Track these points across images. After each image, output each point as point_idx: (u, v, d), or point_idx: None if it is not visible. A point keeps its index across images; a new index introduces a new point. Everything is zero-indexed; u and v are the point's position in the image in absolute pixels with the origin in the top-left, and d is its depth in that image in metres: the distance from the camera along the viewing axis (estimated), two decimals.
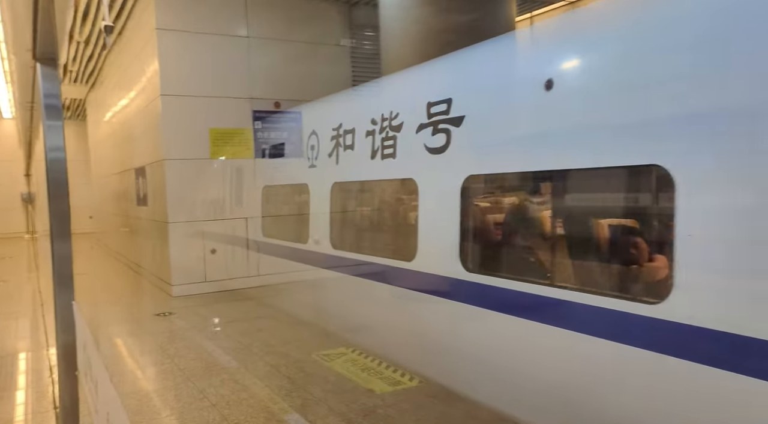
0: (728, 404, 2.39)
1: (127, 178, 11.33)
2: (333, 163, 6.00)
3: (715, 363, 2.39)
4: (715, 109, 2.49)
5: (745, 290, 2.38)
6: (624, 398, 2.85)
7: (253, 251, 8.45)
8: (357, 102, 6.22)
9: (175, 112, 8.24)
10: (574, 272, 3.49)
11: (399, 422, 3.71)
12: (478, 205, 4.26)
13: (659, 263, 2.86)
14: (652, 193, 2.86)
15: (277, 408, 3.99)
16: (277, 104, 8.70)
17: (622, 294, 2.93)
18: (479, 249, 4.11)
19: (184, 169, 8.38)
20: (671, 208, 2.59)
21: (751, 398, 2.29)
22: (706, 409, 2.47)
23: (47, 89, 2.62)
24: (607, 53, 3.13)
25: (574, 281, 3.39)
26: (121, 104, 11.64)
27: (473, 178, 4.00)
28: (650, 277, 2.79)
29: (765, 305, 2.29)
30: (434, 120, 4.29)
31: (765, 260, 2.30)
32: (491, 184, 4.31)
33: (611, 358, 2.87)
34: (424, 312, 4.45)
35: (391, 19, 6.68)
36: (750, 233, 2.35)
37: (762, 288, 2.31)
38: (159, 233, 8.79)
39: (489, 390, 3.74)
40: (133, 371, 5.02)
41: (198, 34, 8.35)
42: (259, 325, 6.46)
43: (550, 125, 3.36)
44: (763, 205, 2.32)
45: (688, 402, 2.54)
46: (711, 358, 2.41)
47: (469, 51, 4.29)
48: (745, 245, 2.37)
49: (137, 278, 10.49)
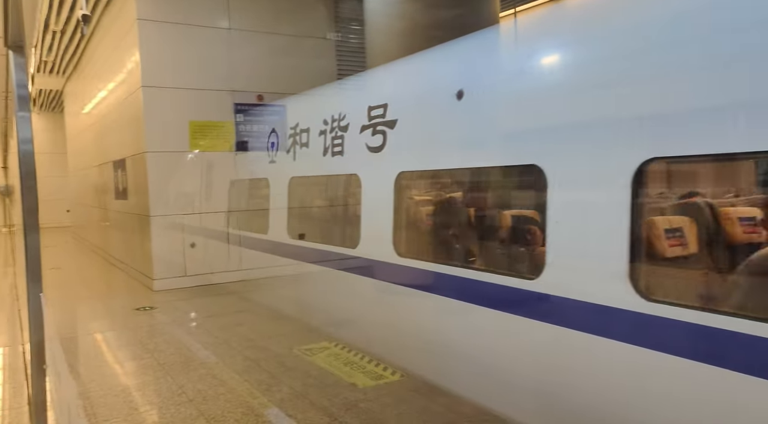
0: (574, 352, 3.08)
1: (107, 171, 11.12)
2: (291, 159, 6.55)
3: (569, 325, 3.04)
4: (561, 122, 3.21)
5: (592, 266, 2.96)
6: (506, 353, 3.58)
7: (232, 244, 8.38)
8: (312, 103, 6.70)
9: (157, 104, 8.10)
10: (481, 255, 4.44)
11: (381, 416, 3.71)
12: (410, 198, 4.95)
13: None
14: (538, 188, 3.44)
15: (256, 403, 3.95)
16: (260, 97, 8.60)
17: (513, 272, 3.69)
18: (408, 236, 4.79)
19: (166, 162, 8.25)
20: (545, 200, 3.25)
21: (592, 346, 2.93)
22: (562, 356, 3.18)
23: (20, 79, 2.54)
24: (503, 70, 3.84)
25: (480, 263, 4.26)
26: (100, 96, 11.40)
27: (404, 175, 4.59)
28: (539, 259, 3.36)
29: (609, 280, 2.81)
30: (373, 122, 4.85)
31: (610, 242, 2.81)
32: (419, 180, 4.97)
33: (499, 327, 3.56)
34: (367, 292, 5.01)
35: (376, 14, 6.65)
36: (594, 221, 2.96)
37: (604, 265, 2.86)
38: (140, 226, 8.64)
39: (411, 347, 4.45)
40: (111, 366, 4.93)
41: (179, 25, 8.21)
42: (240, 319, 6.40)
43: (460, 130, 3.99)
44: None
45: (551, 354, 3.24)
46: (566, 321, 3.05)
47: (401, 62, 5.09)
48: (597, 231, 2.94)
49: (116, 272, 10.32)
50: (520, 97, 3.54)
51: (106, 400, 4.10)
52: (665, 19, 2.77)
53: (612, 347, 2.81)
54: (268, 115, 7.79)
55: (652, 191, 3.14)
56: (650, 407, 2.62)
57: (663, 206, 3.44)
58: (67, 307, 7.51)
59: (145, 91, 8.05)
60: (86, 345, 5.62)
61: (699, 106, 2.51)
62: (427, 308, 4.25)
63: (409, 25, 6.18)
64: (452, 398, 3.90)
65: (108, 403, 4.05)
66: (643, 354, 2.63)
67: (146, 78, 8.05)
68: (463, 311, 3.86)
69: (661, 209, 3.42)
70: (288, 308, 6.61)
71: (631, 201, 2.71)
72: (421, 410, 3.77)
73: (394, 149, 4.63)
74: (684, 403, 2.52)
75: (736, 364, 2.29)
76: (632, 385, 2.73)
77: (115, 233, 10.96)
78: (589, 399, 2.95)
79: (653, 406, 2.61)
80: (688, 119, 2.54)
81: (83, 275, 10.28)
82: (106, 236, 11.85)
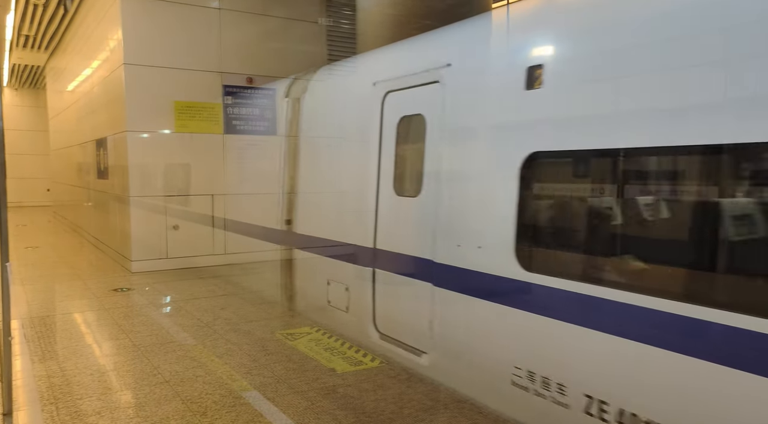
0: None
1: (88, 150, 10.90)
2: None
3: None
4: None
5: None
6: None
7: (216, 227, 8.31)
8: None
9: (139, 83, 7.93)
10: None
11: (358, 401, 3.70)
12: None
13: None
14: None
15: (236, 386, 3.92)
16: (249, 80, 8.47)
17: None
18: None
19: (147, 142, 8.10)
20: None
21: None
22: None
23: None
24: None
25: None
26: (83, 73, 11.13)
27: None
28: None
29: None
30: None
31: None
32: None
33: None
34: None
35: (368, 1, 6.57)
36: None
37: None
38: (119, 207, 8.49)
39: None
40: (86, 347, 4.85)
41: (165, 2, 8.02)
42: (222, 303, 6.35)
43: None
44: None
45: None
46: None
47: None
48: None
49: (96, 252, 10.15)
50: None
51: (81, 379, 4.04)
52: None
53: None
54: (260, 98, 7.67)
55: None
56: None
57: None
58: (42, 286, 7.36)
59: (126, 68, 7.87)
60: (60, 324, 5.52)
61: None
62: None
63: (401, 12, 6.12)
64: (429, 386, 3.92)
65: (82, 382, 3.98)
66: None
67: (128, 56, 7.87)
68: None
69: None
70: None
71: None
72: (398, 396, 3.77)
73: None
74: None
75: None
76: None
77: (95, 213, 10.77)
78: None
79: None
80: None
81: (61, 254, 10.09)
82: (87, 215, 11.64)
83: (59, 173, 15.64)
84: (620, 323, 2.74)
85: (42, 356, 4.53)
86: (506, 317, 3.37)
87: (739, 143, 2.39)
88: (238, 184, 8.14)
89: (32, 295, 6.76)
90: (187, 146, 8.30)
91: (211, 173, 8.43)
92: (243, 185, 8.06)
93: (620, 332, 2.74)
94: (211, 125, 8.34)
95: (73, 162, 13.02)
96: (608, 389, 2.82)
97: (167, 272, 8.02)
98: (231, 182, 8.23)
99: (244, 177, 8.14)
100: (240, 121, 8.45)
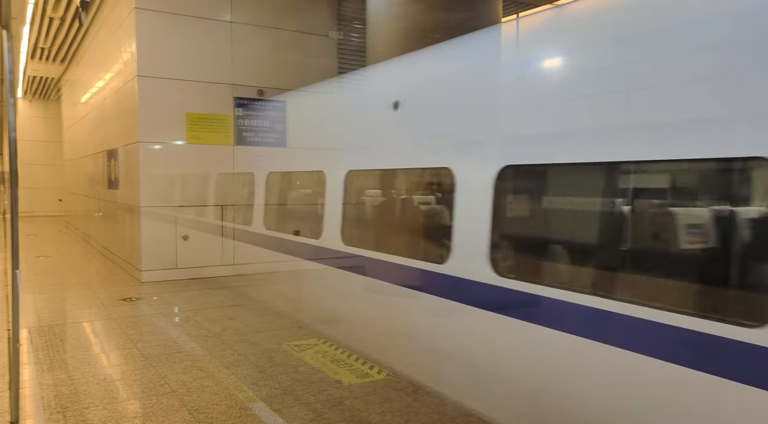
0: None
1: (100, 160, 11.04)
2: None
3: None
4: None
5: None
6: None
7: (226, 237, 8.33)
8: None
9: (152, 94, 8.04)
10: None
11: (364, 413, 3.67)
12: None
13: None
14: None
15: (242, 396, 3.91)
16: (260, 92, 8.57)
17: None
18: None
19: (159, 153, 8.19)
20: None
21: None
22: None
23: (10, 63, 2.50)
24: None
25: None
26: (96, 85, 11.32)
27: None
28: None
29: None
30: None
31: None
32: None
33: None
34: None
35: (378, 14, 6.65)
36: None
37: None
38: (130, 217, 8.57)
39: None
40: (93, 356, 4.87)
41: (179, 16, 8.16)
42: (231, 313, 6.35)
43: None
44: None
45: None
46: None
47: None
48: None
49: (106, 262, 10.22)
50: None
51: (88, 388, 4.04)
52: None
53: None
54: (270, 111, 7.75)
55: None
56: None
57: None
58: (51, 294, 7.42)
59: (140, 80, 7.99)
60: (69, 333, 5.55)
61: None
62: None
63: (410, 26, 6.18)
64: (436, 399, 3.88)
65: (89, 391, 3.99)
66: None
67: (142, 68, 8.00)
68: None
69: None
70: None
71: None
72: (404, 409, 3.74)
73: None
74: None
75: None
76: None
77: (106, 223, 10.87)
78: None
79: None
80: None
81: (72, 263, 10.18)
82: (98, 225, 11.75)
83: (72, 183, 15.84)
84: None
85: (50, 365, 4.55)
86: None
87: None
88: (248, 195, 8.19)
89: (41, 303, 6.81)
90: (199, 157, 8.38)
91: (222, 184, 8.50)
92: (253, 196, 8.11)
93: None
94: (223, 137, 8.43)
95: (85, 172, 13.19)
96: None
97: (177, 282, 8.06)
98: (241, 193, 8.29)
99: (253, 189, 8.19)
100: (251, 132, 8.54)
